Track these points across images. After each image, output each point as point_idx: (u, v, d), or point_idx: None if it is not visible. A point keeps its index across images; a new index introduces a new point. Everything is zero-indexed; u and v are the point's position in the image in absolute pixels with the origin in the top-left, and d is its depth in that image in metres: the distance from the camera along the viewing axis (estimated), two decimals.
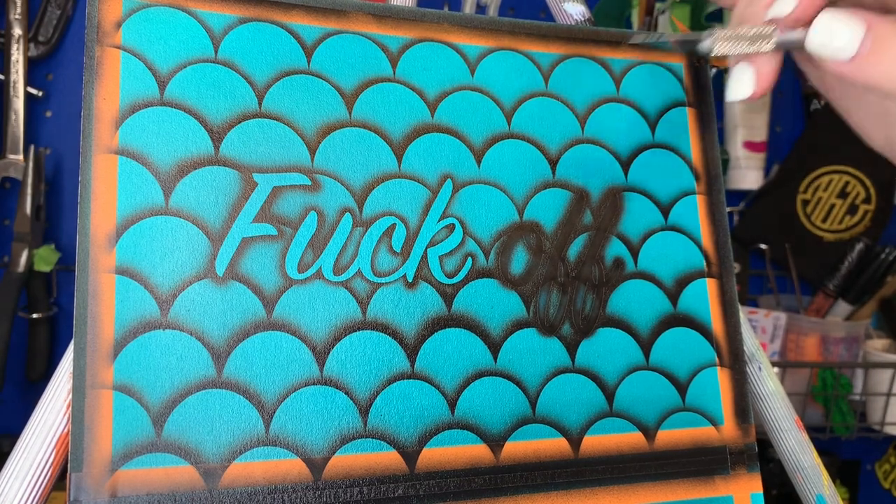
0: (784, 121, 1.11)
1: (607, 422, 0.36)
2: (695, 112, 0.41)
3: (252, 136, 0.33)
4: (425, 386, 0.33)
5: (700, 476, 0.37)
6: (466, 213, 0.36)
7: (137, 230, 0.31)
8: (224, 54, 0.33)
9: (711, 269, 0.39)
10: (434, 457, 0.33)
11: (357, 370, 0.33)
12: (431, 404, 0.33)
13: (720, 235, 0.40)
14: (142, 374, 0.30)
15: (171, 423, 0.30)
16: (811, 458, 0.40)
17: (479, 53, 0.37)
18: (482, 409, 0.34)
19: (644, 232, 0.39)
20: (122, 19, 0.32)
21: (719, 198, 0.40)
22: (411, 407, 0.33)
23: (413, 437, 0.33)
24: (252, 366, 0.31)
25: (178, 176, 0.31)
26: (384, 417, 0.33)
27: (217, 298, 0.31)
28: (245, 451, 0.30)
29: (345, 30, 0.35)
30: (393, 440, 0.33)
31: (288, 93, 0.33)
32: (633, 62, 0.40)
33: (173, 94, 0.32)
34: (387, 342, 0.33)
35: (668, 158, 0.40)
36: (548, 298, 0.36)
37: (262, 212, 0.32)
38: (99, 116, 0.31)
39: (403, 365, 0.33)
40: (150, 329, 0.30)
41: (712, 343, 0.39)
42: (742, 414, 0.39)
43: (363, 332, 0.33)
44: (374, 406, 0.33)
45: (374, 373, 0.33)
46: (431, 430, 0.33)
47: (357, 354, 0.33)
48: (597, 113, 0.39)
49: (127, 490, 0.29)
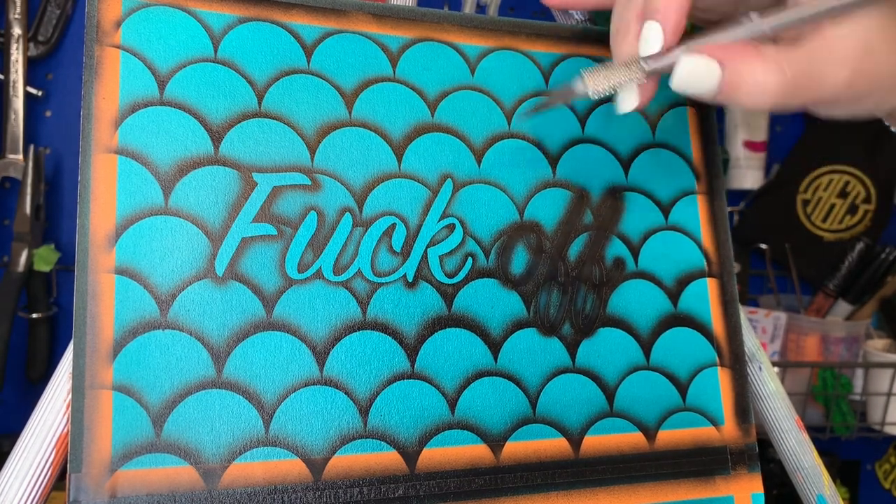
0: (784, 121, 1.11)
1: (608, 422, 0.36)
2: (695, 112, 0.41)
3: (252, 136, 0.33)
4: (425, 386, 0.33)
5: (701, 476, 0.37)
6: (466, 212, 0.35)
7: (137, 230, 0.30)
8: (224, 54, 0.33)
9: (712, 268, 0.39)
10: (434, 457, 0.33)
11: (357, 370, 0.33)
12: (431, 404, 0.33)
13: (720, 235, 0.40)
14: (141, 375, 0.30)
15: (171, 423, 0.30)
16: (811, 458, 0.40)
17: (479, 53, 0.37)
18: (482, 409, 0.34)
19: (644, 232, 0.39)
20: (121, 19, 0.32)
21: (720, 197, 0.40)
22: (411, 407, 0.33)
23: (413, 438, 0.33)
24: (252, 366, 0.31)
25: (178, 176, 0.31)
26: (384, 417, 0.33)
27: (217, 298, 0.31)
28: (245, 451, 0.30)
29: (344, 29, 0.35)
30: (393, 440, 0.33)
31: (288, 92, 0.33)
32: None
33: (173, 93, 0.32)
34: (387, 342, 0.33)
35: (669, 158, 0.40)
36: (548, 298, 0.36)
37: (261, 211, 0.32)
38: (98, 116, 0.31)
39: (403, 365, 0.33)
40: (149, 329, 0.30)
41: (713, 343, 0.39)
42: (742, 414, 0.39)
43: (363, 332, 0.33)
44: (374, 406, 0.33)
45: (375, 373, 0.33)
46: (431, 431, 0.33)
47: (357, 354, 0.33)
48: (596, 113, 0.39)
49: (127, 490, 0.29)
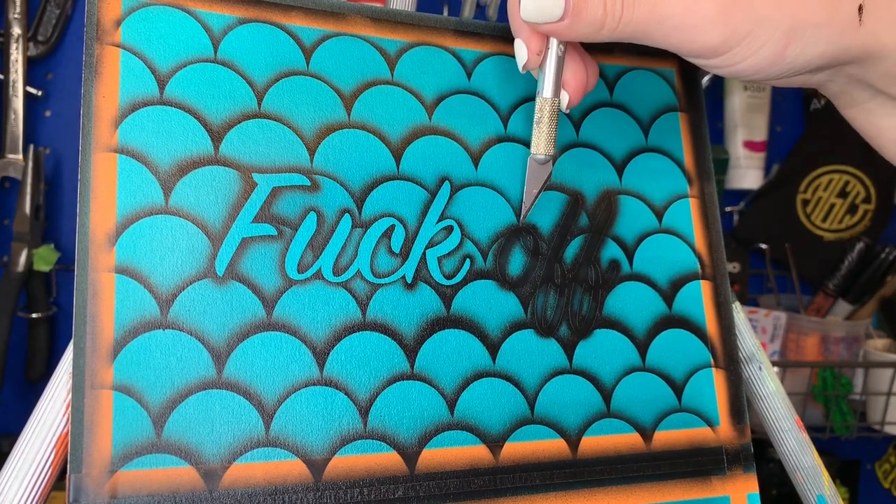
0: (784, 120, 1.11)
1: (605, 423, 0.36)
2: (687, 117, 0.41)
3: (252, 137, 0.33)
4: (425, 387, 0.33)
5: (697, 476, 0.37)
6: (464, 214, 0.36)
7: (137, 229, 0.31)
8: (224, 54, 0.33)
9: (705, 270, 0.40)
10: (434, 458, 0.33)
11: (357, 371, 0.33)
12: (431, 405, 0.33)
13: (713, 238, 0.40)
14: (142, 375, 0.30)
15: (172, 423, 0.30)
16: (811, 457, 0.40)
17: (475, 58, 0.37)
18: (481, 410, 0.34)
19: (639, 234, 0.39)
20: (121, 18, 0.32)
21: (712, 200, 0.40)
22: (411, 408, 0.33)
23: (413, 438, 0.33)
24: (252, 366, 0.31)
25: (178, 175, 0.31)
26: (384, 418, 0.33)
27: (217, 298, 0.31)
28: (245, 451, 0.30)
29: (343, 32, 0.35)
30: (393, 441, 0.33)
31: (287, 93, 0.34)
32: (626, 68, 0.40)
33: (173, 93, 0.32)
34: (386, 343, 0.33)
35: (662, 162, 0.40)
36: (545, 300, 0.36)
37: (261, 212, 0.32)
38: (98, 115, 0.31)
39: (403, 366, 0.33)
40: (149, 329, 0.30)
41: (707, 344, 0.39)
42: (737, 414, 0.39)
43: (363, 332, 0.33)
44: (373, 407, 0.33)
45: (374, 373, 0.33)
46: (431, 431, 0.33)
47: (357, 355, 0.33)
48: (591, 117, 0.39)
49: (127, 491, 0.29)
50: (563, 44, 0.33)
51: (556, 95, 0.33)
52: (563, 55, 0.33)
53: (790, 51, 0.31)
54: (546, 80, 0.33)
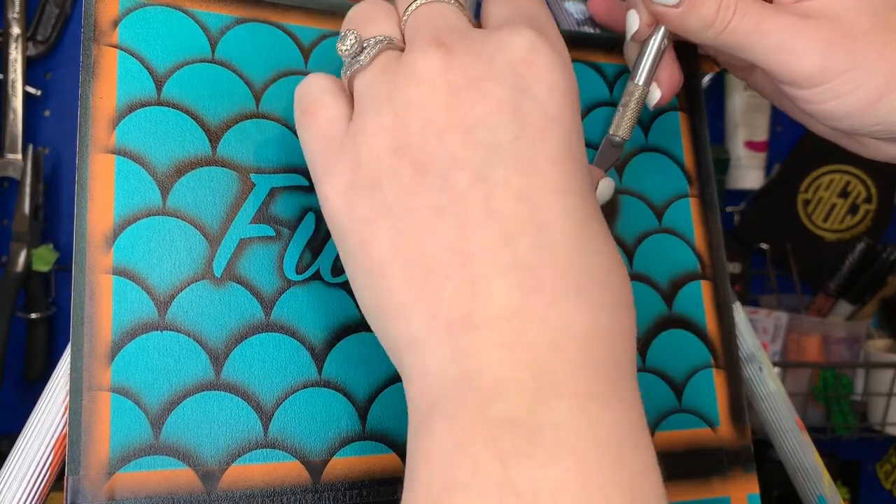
0: (785, 120, 1.11)
1: None
2: (686, 116, 0.41)
3: (250, 137, 0.33)
4: None
5: (697, 477, 0.37)
6: None
7: (135, 230, 0.30)
8: (221, 54, 0.33)
9: (705, 271, 0.39)
10: None
11: (355, 372, 0.32)
12: None
13: (713, 238, 0.40)
14: (140, 376, 0.30)
15: (170, 425, 0.30)
16: (812, 458, 0.40)
17: None
18: None
19: (639, 234, 0.39)
20: (118, 18, 0.32)
21: (712, 200, 0.40)
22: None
23: None
24: (250, 367, 0.31)
25: (176, 176, 0.31)
26: (383, 419, 0.33)
27: (215, 300, 0.31)
28: (244, 453, 0.30)
29: None
30: (392, 442, 0.32)
31: (286, 94, 0.33)
32: (626, 67, 0.40)
33: (171, 93, 0.32)
34: None
35: (662, 162, 0.40)
36: None
37: (259, 213, 0.32)
38: (96, 115, 0.31)
39: None
40: (147, 330, 0.30)
41: (707, 344, 0.39)
42: (738, 415, 0.39)
43: (362, 333, 0.33)
44: (372, 408, 0.32)
45: (373, 374, 0.33)
46: None
47: (355, 356, 0.33)
48: (591, 116, 0.39)
49: (125, 493, 0.29)
50: (668, 39, 0.34)
51: (646, 85, 0.35)
52: (663, 50, 0.34)
53: (884, 102, 0.30)
54: (642, 68, 0.35)
